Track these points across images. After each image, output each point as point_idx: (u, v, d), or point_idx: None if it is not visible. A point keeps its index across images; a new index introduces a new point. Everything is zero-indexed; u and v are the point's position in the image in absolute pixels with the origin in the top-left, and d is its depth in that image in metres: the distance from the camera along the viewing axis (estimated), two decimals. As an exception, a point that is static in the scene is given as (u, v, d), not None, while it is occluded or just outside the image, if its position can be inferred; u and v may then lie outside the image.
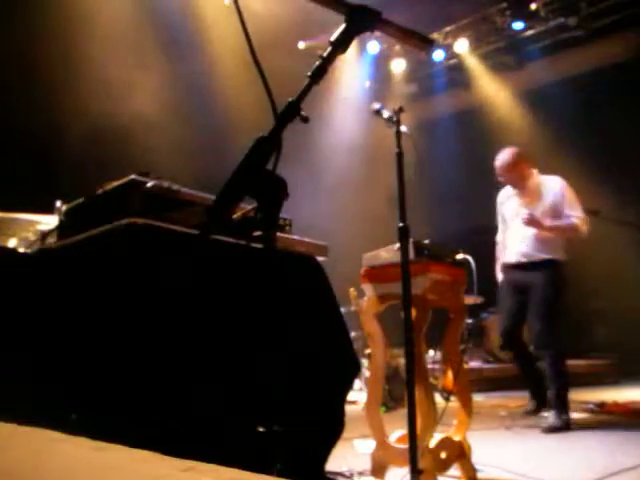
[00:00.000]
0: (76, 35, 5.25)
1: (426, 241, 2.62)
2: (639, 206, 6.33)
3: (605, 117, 7.11)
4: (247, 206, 1.69)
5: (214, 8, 6.46)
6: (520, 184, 4.18)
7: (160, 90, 5.86)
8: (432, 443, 2.44)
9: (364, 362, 5.44)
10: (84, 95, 5.13)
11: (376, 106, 2.46)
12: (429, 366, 5.30)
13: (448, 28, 8.16)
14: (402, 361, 4.70)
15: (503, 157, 4.20)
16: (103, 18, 5.55)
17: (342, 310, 2.49)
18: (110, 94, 5.29)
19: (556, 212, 4.04)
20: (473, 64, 8.43)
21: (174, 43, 6.07)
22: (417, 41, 1.42)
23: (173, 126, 5.91)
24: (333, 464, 2.20)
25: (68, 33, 5.18)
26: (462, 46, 8.18)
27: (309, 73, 1.27)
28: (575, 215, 4.00)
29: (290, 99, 1.23)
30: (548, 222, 4.00)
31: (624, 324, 6.59)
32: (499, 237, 4.46)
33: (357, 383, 5.47)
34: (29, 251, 2.23)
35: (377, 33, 1.36)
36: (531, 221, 3.97)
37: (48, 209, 2.36)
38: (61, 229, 2.15)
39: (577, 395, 4.81)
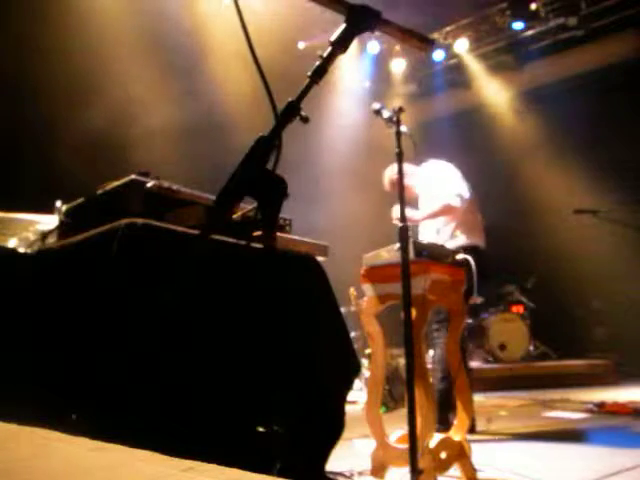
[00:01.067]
0: (78, 39, 5.26)
1: (426, 241, 2.63)
2: (637, 206, 6.33)
3: (605, 117, 7.10)
4: (247, 206, 1.70)
5: (213, 10, 6.47)
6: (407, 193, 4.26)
7: (160, 90, 5.86)
8: (432, 443, 2.44)
9: (364, 362, 5.45)
10: (84, 95, 5.13)
11: (376, 106, 2.46)
12: (429, 366, 5.32)
13: (448, 28, 8.15)
14: (402, 361, 4.71)
15: (384, 181, 4.22)
16: (103, 26, 5.56)
17: (342, 310, 2.49)
18: (110, 96, 5.29)
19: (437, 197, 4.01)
20: (473, 64, 8.42)
21: (173, 45, 6.07)
22: (417, 41, 1.41)
23: (173, 126, 5.91)
24: (333, 464, 2.19)
25: (70, 36, 5.19)
26: (462, 46, 8.18)
27: (309, 73, 1.26)
28: (444, 194, 3.93)
29: (290, 99, 1.23)
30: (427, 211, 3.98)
31: (623, 324, 6.59)
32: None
33: (357, 383, 5.47)
34: (29, 251, 2.22)
35: (377, 33, 1.35)
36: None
37: (48, 209, 2.35)
38: (61, 229, 2.15)
39: (577, 395, 4.81)
